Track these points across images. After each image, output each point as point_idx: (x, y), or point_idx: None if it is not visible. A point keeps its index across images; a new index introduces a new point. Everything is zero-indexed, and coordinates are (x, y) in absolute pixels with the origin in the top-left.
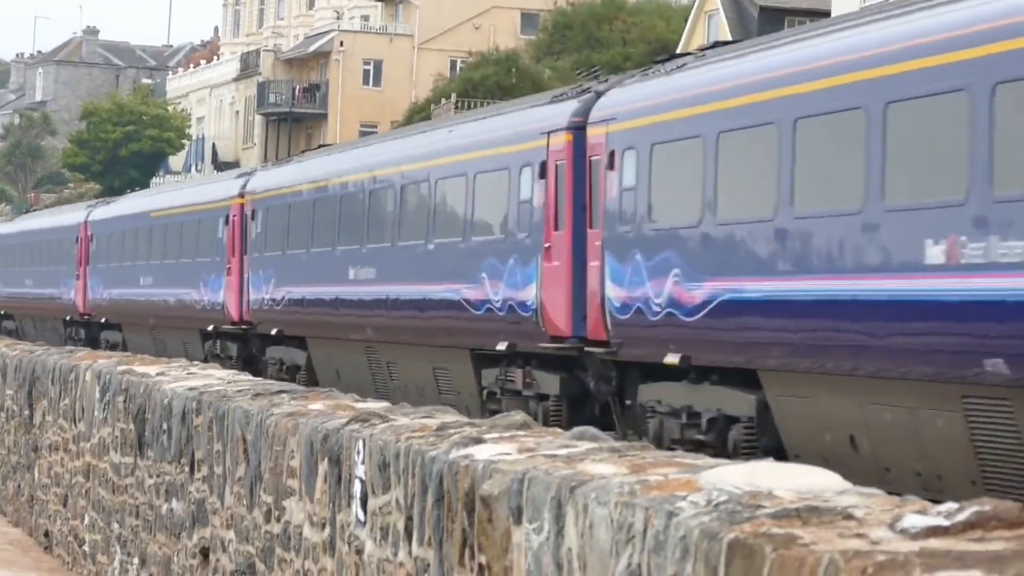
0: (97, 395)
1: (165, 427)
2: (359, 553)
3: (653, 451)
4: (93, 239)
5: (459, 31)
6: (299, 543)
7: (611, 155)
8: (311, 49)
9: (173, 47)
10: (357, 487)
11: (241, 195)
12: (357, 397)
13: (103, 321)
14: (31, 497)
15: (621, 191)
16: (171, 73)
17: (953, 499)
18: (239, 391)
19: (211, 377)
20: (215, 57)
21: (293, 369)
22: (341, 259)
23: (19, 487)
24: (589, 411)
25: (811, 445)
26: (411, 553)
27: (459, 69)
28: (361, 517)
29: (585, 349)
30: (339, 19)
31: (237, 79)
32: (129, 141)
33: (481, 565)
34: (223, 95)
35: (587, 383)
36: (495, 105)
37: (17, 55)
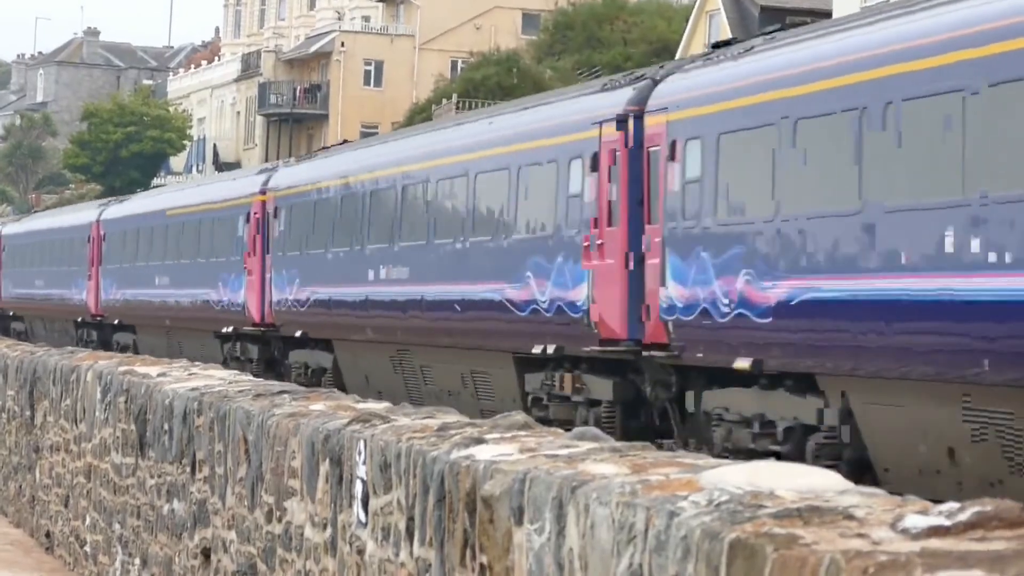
0: (98, 396)
1: (166, 427)
2: (360, 553)
3: (654, 451)
4: (106, 238)
5: (460, 31)
6: (300, 544)
7: (672, 145)
8: (312, 50)
9: (174, 48)
10: (358, 487)
11: (263, 192)
12: (358, 398)
13: (116, 323)
14: (32, 498)
15: (684, 184)
16: (172, 74)
17: None
18: (240, 391)
19: (212, 378)
20: (216, 58)
21: (318, 373)
22: (371, 258)
23: (20, 488)
24: (644, 418)
25: (902, 458)
26: (412, 553)
27: (460, 69)
28: (362, 517)
29: (642, 353)
30: (340, 20)
31: (238, 80)
32: (130, 142)
33: (482, 565)
34: (224, 96)
35: (643, 388)
36: (538, 95)
37: (18, 56)
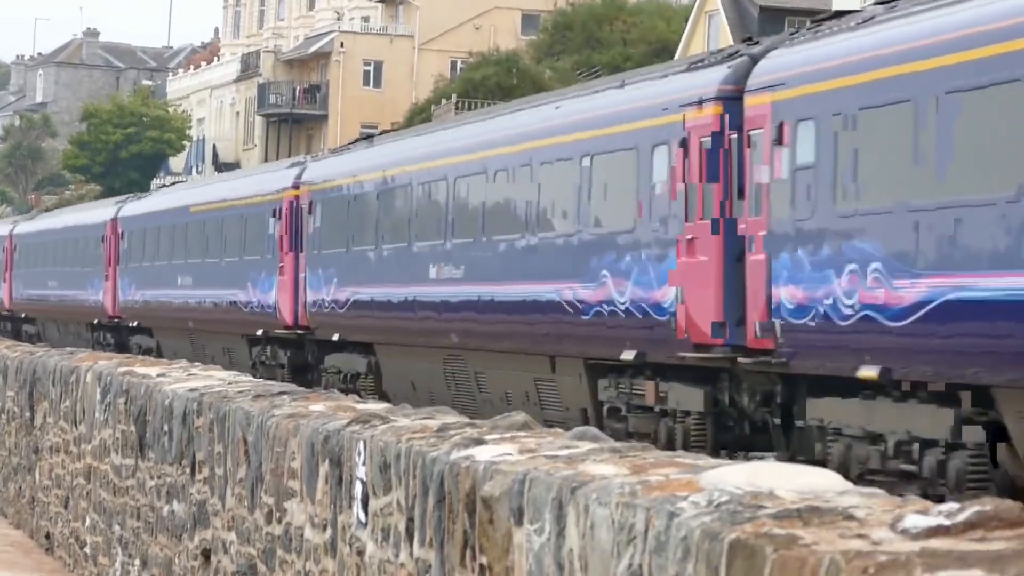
0: (98, 397)
1: (166, 428)
2: (360, 554)
3: (654, 451)
4: (123, 237)
5: (459, 32)
6: (300, 544)
7: (779, 128)
8: (311, 50)
9: (173, 48)
10: (358, 488)
11: (296, 186)
12: (358, 398)
13: (134, 325)
14: (32, 499)
15: (794, 170)
16: (171, 74)
17: None
18: (240, 392)
19: (212, 378)
20: (215, 58)
21: (356, 379)
22: (419, 256)
23: (20, 489)
24: (738, 430)
25: None
26: (412, 554)
27: (459, 70)
28: (362, 518)
29: (740, 359)
30: (339, 20)
31: (237, 80)
32: (130, 143)
33: (482, 566)
34: (223, 96)
35: (738, 399)
36: (611, 76)
37: (17, 57)
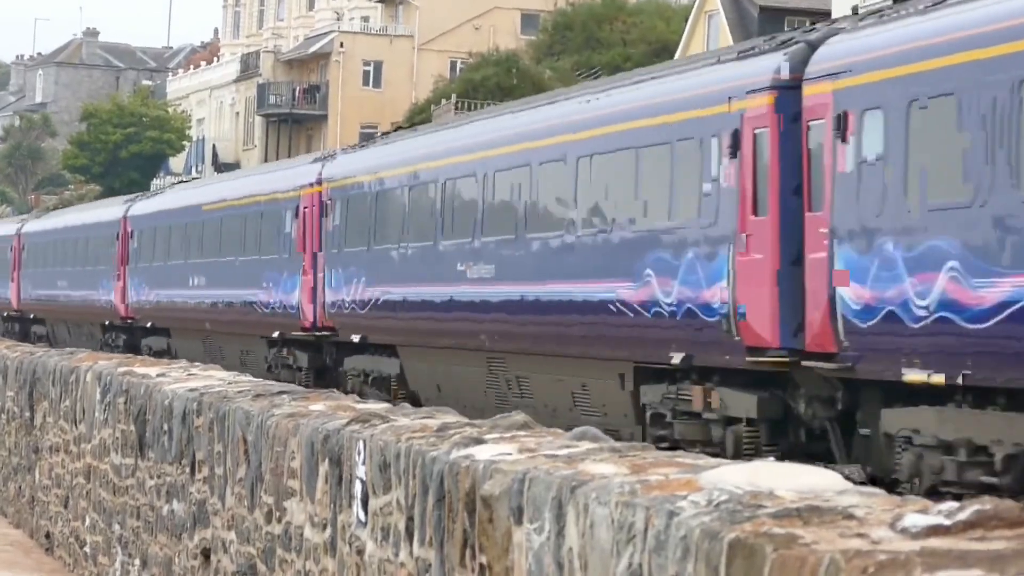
0: (98, 396)
1: (166, 428)
2: (360, 554)
3: (653, 451)
4: (135, 235)
5: (459, 32)
6: (300, 544)
7: (842, 118)
8: (311, 50)
9: (173, 48)
10: (358, 488)
11: (318, 183)
12: (358, 398)
13: (147, 326)
14: (32, 498)
15: (859, 163)
16: (171, 75)
17: None
18: (239, 392)
19: (212, 378)
20: (215, 58)
21: (380, 382)
22: (448, 254)
23: (20, 488)
24: (793, 438)
25: None
26: (412, 553)
27: (459, 70)
28: (362, 518)
29: (802, 363)
30: (339, 20)
31: (237, 80)
32: (129, 143)
33: (482, 565)
34: (223, 96)
35: (794, 405)
36: (657, 66)
37: (17, 57)
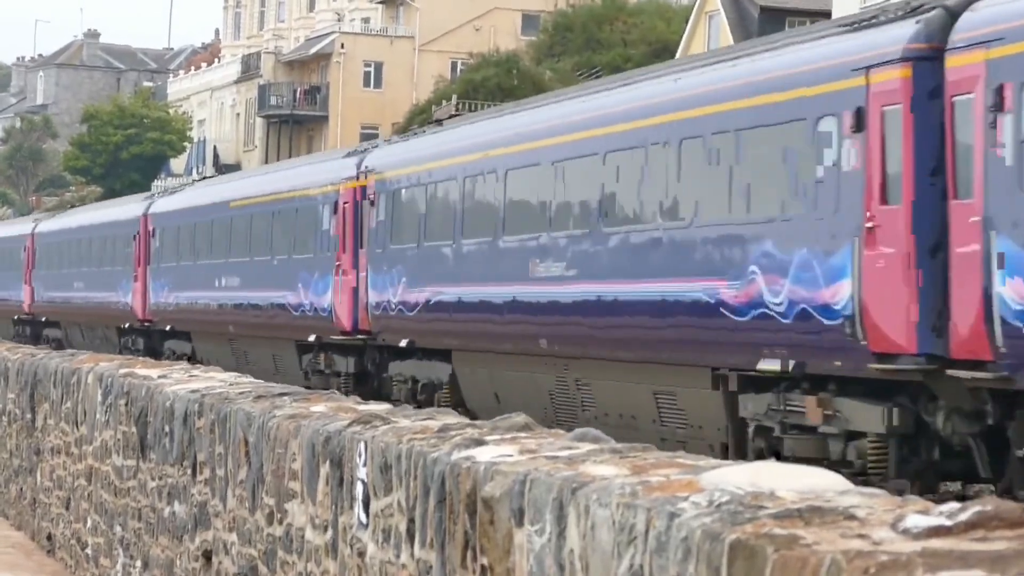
0: (99, 398)
1: (167, 430)
2: (361, 555)
3: (655, 452)
4: (155, 235)
5: (460, 33)
6: (301, 545)
7: (999, 92)
8: (312, 51)
9: (174, 50)
10: (359, 489)
11: (358, 176)
12: (359, 399)
13: (167, 329)
14: (33, 500)
15: (1020, 141)
16: (172, 76)
17: None
18: (241, 393)
19: (213, 379)
20: (216, 60)
21: (429, 388)
22: (510, 251)
23: (21, 490)
24: (926, 455)
25: None
26: (413, 555)
27: (460, 71)
28: (363, 519)
29: (947, 372)
30: (340, 21)
31: (238, 81)
32: (130, 144)
33: (483, 567)
34: (224, 97)
35: (930, 419)
36: (754, 40)
37: (18, 58)
